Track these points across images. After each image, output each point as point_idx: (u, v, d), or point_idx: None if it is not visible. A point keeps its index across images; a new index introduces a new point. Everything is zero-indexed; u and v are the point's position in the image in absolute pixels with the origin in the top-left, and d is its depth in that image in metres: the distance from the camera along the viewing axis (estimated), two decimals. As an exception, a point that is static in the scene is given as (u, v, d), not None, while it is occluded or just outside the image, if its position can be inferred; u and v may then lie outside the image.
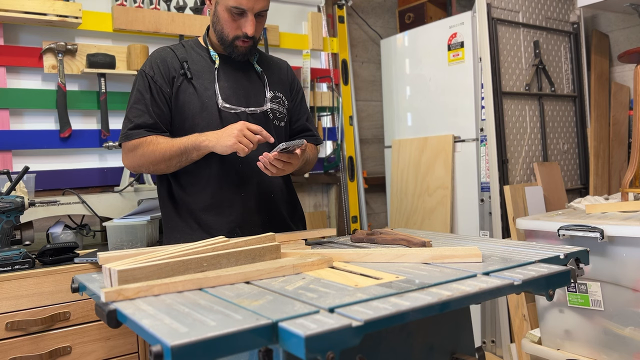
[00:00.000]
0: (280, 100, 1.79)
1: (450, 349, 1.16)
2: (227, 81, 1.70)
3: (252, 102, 1.72)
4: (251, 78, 1.76)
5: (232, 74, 1.72)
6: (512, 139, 2.67)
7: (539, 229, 1.90)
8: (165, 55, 1.69)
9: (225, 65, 1.72)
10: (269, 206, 1.73)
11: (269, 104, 1.74)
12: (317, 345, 0.75)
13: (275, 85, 1.79)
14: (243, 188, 1.68)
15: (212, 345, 0.75)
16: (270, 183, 1.72)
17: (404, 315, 0.85)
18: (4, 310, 1.74)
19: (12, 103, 2.27)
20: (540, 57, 2.82)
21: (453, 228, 2.84)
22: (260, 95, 1.74)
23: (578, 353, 1.84)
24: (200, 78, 1.67)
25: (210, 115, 1.65)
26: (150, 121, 1.62)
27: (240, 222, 1.66)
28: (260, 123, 1.68)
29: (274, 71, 1.83)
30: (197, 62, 1.70)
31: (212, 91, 1.66)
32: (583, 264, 1.20)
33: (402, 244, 1.42)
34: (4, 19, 2.21)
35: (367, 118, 3.42)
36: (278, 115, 1.77)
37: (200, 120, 1.65)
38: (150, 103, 1.63)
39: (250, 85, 1.74)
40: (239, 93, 1.70)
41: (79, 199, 2.19)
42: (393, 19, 3.58)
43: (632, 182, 2.07)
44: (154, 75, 1.65)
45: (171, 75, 1.66)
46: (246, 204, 1.68)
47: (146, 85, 1.65)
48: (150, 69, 1.66)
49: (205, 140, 1.53)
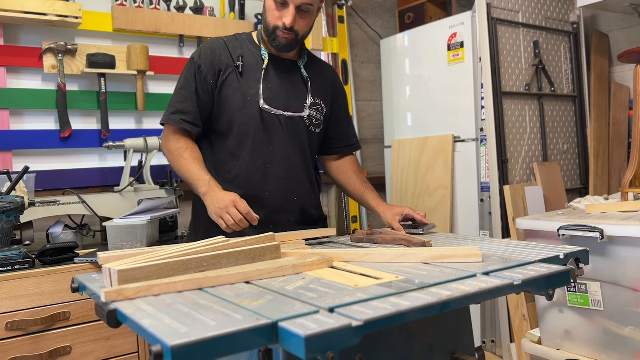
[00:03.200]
0: (320, 107, 1.80)
1: (450, 349, 1.16)
2: (272, 82, 1.72)
3: (292, 107, 1.74)
4: (296, 82, 1.77)
5: (278, 76, 1.74)
6: (512, 139, 2.67)
7: (538, 229, 1.90)
8: (216, 47, 1.72)
9: (274, 66, 1.74)
10: (294, 209, 1.76)
11: (307, 110, 1.75)
12: (317, 345, 0.75)
13: (317, 92, 1.80)
14: (269, 189, 1.71)
15: (212, 345, 0.75)
16: (296, 187, 1.76)
17: (404, 315, 0.85)
18: (4, 310, 1.74)
19: (12, 103, 2.28)
20: (540, 57, 2.82)
21: (453, 228, 2.84)
22: (301, 100, 1.76)
23: (578, 353, 1.84)
24: (248, 75, 1.70)
25: (250, 113, 1.68)
26: (191, 109, 1.67)
27: (263, 220, 1.65)
28: (297, 128, 1.74)
29: (321, 78, 1.84)
30: (248, 58, 1.72)
31: (256, 90, 1.69)
32: (583, 264, 1.20)
33: (402, 244, 1.42)
34: (4, 19, 2.21)
35: (367, 118, 3.42)
36: (315, 122, 1.79)
37: (239, 116, 1.68)
38: (194, 91, 1.67)
39: (293, 89, 1.76)
40: (281, 96, 1.72)
41: (79, 199, 2.19)
42: (393, 19, 3.58)
43: (632, 182, 2.07)
44: (202, 65, 1.69)
45: (218, 67, 1.69)
46: (270, 204, 1.70)
47: (192, 73, 1.69)
48: (199, 57, 1.70)
49: (205, 195, 1.56)
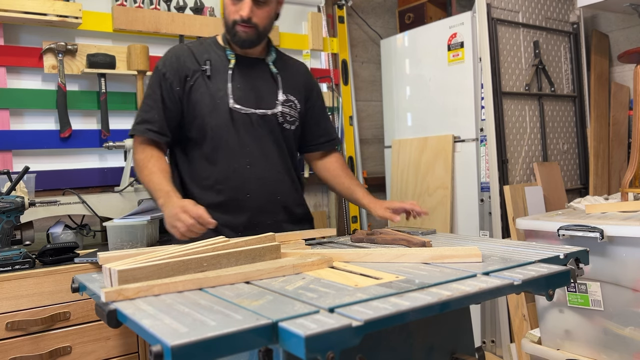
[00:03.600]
0: (293, 103, 1.78)
1: (450, 349, 1.16)
2: (240, 82, 1.71)
3: (263, 104, 1.72)
4: (265, 79, 1.76)
5: (247, 74, 1.73)
6: (512, 139, 2.67)
7: (538, 229, 1.90)
8: (180, 53, 1.71)
9: (241, 65, 1.73)
10: (276, 209, 1.74)
11: (280, 107, 1.74)
12: (317, 345, 0.75)
13: (289, 89, 1.79)
14: (249, 190, 1.69)
15: (212, 345, 0.75)
16: (277, 187, 1.74)
17: (404, 315, 0.85)
18: (4, 310, 1.74)
19: (12, 103, 2.27)
20: (540, 57, 2.82)
21: (453, 228, 2.84)
22: (272, 97, 1.74)
23: (578, 353, 1.84)
24: (215, 77, 1.69)
25: (221, 115, 1.67)
26: (156, 118, 1.66)
27: (246, 223, 1.68)
28: (270, 125, 1.72)
29: (291, 74, 1.82)
30: (215, 61, 1.71)
31: (224, 91, 1.67)
32: (583, 264, 1.20)
33: (402, 244, 1.42)
34: (4, 19, 2.21)
35: (367, 118, 3.42)
36: (289, 119, 1.77)
37: (210, 120, 1.67)
38: (160, 99, 1.66)
39: (263, 86, 1.75)
40: (251, 94, 1.71)
41: (79, 199, 2.19)
42: (393, 19, 3.58)
43: (632, 182, 2.07)
44: (166, 72, 1.67)
45: (184, 73, 1.68)
46: (252, 206, 1.69)
47: (157, 81, 1.68)
48: (163, 65, 1.69)
49: (162, 207, 1.49)
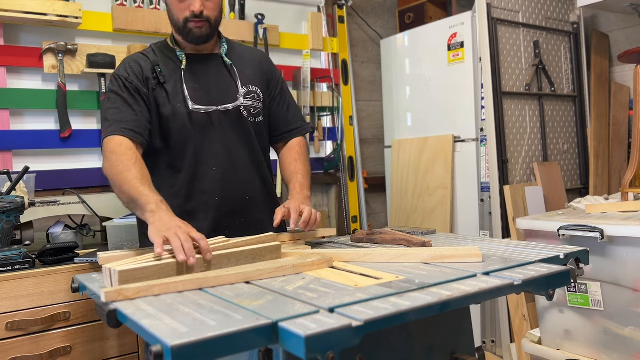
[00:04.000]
0: (255, 94, 1.73)
1: (450, 349, 1.16)
2: (197, 81, 1.66)
3: (225, 99, 1.67)
4: (221, 73, 1.71)
5: (202, 72, 1.68)
6: (512, 139, 2.67)
7: (538, 229, 1.90)
8: (138, 59, 1.67)
9: (194, 64, 1.68)
10: (246, 209, 1.70)
11: (241, 99, 1.69)
12: (317, 345, 0.75)
13: (248, 79, 1.73)
14: (217, 192, 1.65)
15: (212, 345, 0.75)
16: (246, 186, 1.70)
17: (404, 315, 0.85)
18: (4, 310, 1.74)
19: (13, 103, 2.27)
20: (540, 57, 2.82)
21: (453, 228, 2.84)
22: (232, 91, 1.70)
23: (578, 353, 1.84)
24: (171, 82, 1.65)
25: (182, 120, 1.62)
26: (129, 117, 1.56)
27: (215, 226, 1.62)
28: (234, 120, 1.67)
29: (247, 64, 1.76)
30: (167, 65, 1.67)
31: (182, 94, 1.63)
32: (583, 264, 1.20)
33: (402, 244, 1.42)
34: (4, 19, 2.21)
35: (367, 118, 3.42)
36: (253, 112, 1.71)
37: (172, 125, 1.63)
38: (126, 102, 1.58)
39: (221, 82, 1.69)
40: (210, 92, 1.66)
41: (79, 199, 2.19)
42: (393, 19, 3.58)
43: (632, 182, 2.07)
44: (129, 77, 1.62)
45: (146, 77, 1.63)
46: (221, 208, 1.65)
47: (120, 86, 1.61)
48: (124, 71, 1.63)
49: (153, 214, 1.34)
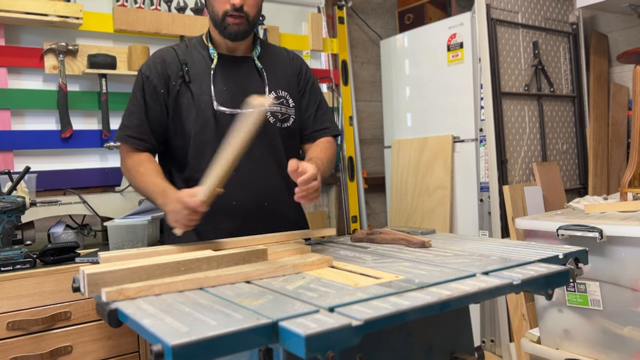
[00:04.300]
0: (284, 99, 1.71)
1: (449, 349, 1.17)
2: (225, 83, 1.65)
3: None
4: (251, 77, 1.69)
5: (232, 74, 1.67)
6: (511, 139, 2.68)
7: (538, 228, 1.90)
8: (165, 56, 1.65)
9: (225, 64, 1.67)
10: (264, 216, 1.67)
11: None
12: (317, 344, 0.75)
13: (278, 83, 1.71)
14: (235, 196, 1.62)
15: (213, 344, 0.75)
16: (266, 192, 1.67)
17: (403, 314, 0.85)
18: (5, 310, 1.75)
19: (14, 103, 2.28)
20: (539, 58, 2.82)
21: (452, 228, 2.84)
22: (259, 94, 1.63)
23: (577, 352, 1.85)
24: (198, 80, 1.63)
25: (205, 120, 1.61)
26: (135, 122, 1.60)
27: (233, 230, 1.58)
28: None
29: (277, 66, 1.73)
30: (198, 63, 1.66)
31: (208, 94, 1.62)
32: (582, 263, 1.20)
33: (401, 244, 1.43)
34: (5, 19, 2.22)
35: (367, 118, 3.43)
36: (280, 117, 1.70)
37: (194, 125, 1.61)
38: (142, 104, 1.61)
39: (249, 85, 1.67)
40: (237, 95, 1.64)
41: (80, 199, 2.19)
42: (393, 20, 3.58)
43: (631, 182, 2.07)
44: (150, 75, 1.61)
45: (168, 77, 1.62)
46: (238, 212, 1.63)
47: (140, 86, 1.62)
48: (147, 68, 1.63)
49: (163, 206, 1.43)
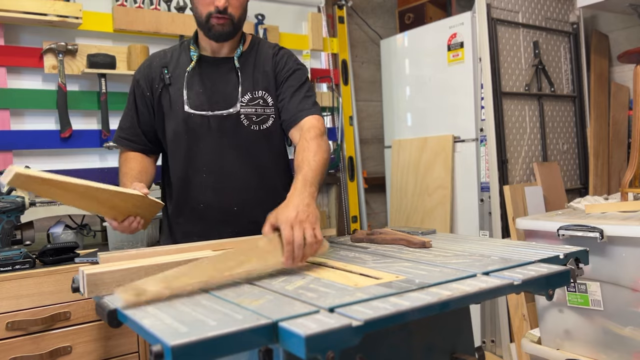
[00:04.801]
0: (261, 100, 1.63)
1: (450, 349, 1.17)
2: (202, 84, 1.62)
3: (224, 105, 1.61)
4: (229, 78, 1.64)
5: (210, 76, 1.64)
6: (511, 139, 2.67)
7: (538, 229, 1.90)
8: (153, 59, 1.70)
9: (205, 66, 1.64)
10: (234, 220, 1.62)
11: (239, 106, 1.60)
12: (317, 344, 0.75)
13: (255, 84, 1.64)
14: (204, 200, 1.61)
15: (213, 345, 0.75)
16: (238, 196, 1.62)
17: (403, 315, 0.85)
18: (5, 310, 1.74)
19: (13, 103, 2.28)
20: (539, 58, 2.82)
21: (453, 228, 2.84)
22: (232, 96, 1.62)
23: (578, 353, 1.85)
24: (177, 83, 1.63)
25: (177, 121, 1.61)
26: (127, 125, 1.69)
27: (202, 234, 1.50)
28: (232, 128, 1.61)
29: (258, 65, 1.66)
30: (181, 65, 1.65)
31: (181, 96, 1.61)
32: (583, 263, 1.20)
33: (401, 244, 1.42)
34: (5, 19, 2.22)
35: (367, 118, 3.42)
36: (256, 119, 1.62)
37: (170, 128, 1.63)
38: (133, 106, 1.68)
39: (225, 87, 1.63)
40: (212, 97, 1.61)
41: (80, 199, 2.19)
42: (393, 20, 3.58)
43: (632, 182, 2.07)
44: (139, 79, 1.67)
45: (152, 79, 1.66)
46: (208, 216, 1.62)
47: (132, 88, 1.69)
48: (138, 72, 1.69)
49: None
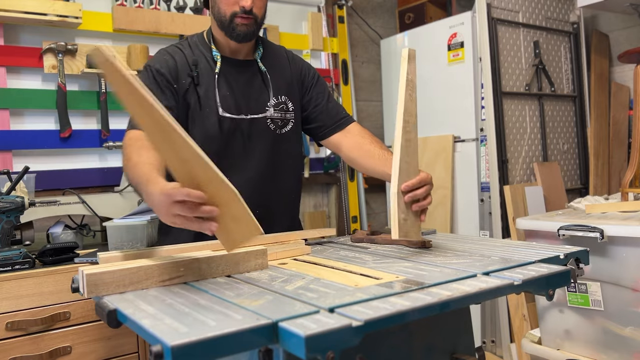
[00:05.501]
0: (284, 105, 1.68)
1: (450, 349, 1.16)
2: (228, 88, 1.61)
3: (254, 109, 1.63)
4: (254, 82, 1.65)
5: (235, 78, 1.63)
6: (512, 139, 2.67)
7: (538, 229, 1.90)
8: (174, 53, 1.60)
9: (228, 67, 1.63)
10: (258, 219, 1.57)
11: (271, 110, 1.63)
12: (317, 345, 0.75)
13: (279, 89, 1.68)
14: None
15: (213, 345, 0.75)
16: (260, 200, 1.55)
17: (404, 315, 0.85)
18: (4, 310, 1.74)
19: (13, 103, 2.28)
20: (540, 57, 2.82)
21: (453, 228, 2.84)
22: (262, 101, 1.64)
23: (578, 353, 1.84)
24: (204, 84, 1.59)
25: (208, 125, 1.58)
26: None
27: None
28: (259, 131, 1.62)
29: (278, 69, 1.69)
30: (202, 64, 1.61)
31: (214, 100, 1.58)
32: (583, 264, 1.20)
33: (402, 244, 1.42)
34: (4, 19, 2.21)
35: (367, 118, 3.42)
36: (280, 124, 1.66)
37: (198, 129, 1.57)
38: (156, 93, 1.48)
39: (252, 91, 1.64)
40: (240, 100, 1.61)
41: (79, 199, 2.19)
42: (393, 19, 3.58)
43: (632, 182, 2.07)
44: (160, 68, 1.54)
45: (178, 74, 1.57)
46: None
47: (149, 77, 1.54)
48: (157, 62, 1.57)
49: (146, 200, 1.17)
